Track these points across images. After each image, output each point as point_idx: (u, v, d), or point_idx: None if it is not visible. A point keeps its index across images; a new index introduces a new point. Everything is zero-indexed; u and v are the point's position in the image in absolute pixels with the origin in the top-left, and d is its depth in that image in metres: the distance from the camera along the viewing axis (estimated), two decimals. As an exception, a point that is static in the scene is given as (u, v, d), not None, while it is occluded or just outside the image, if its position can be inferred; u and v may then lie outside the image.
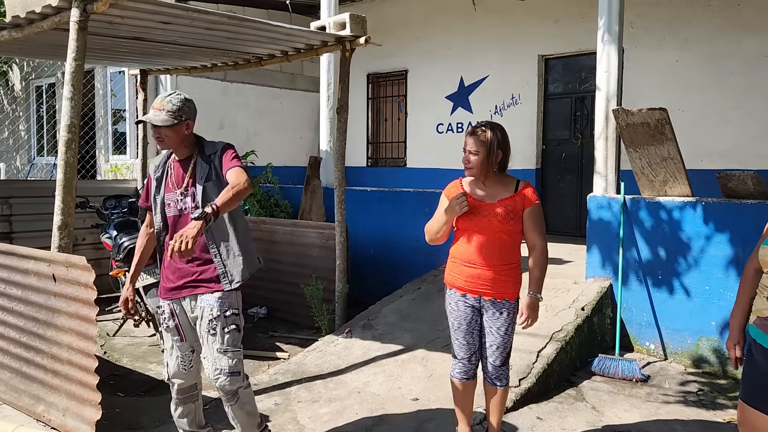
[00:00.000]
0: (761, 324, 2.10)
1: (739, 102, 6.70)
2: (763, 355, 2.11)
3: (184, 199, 2.89)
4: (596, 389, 4.24)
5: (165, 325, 2.97)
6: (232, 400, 2.93)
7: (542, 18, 7.89)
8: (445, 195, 3.18)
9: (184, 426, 3.10)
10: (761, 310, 2.11)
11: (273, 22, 4.60)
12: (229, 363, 2.85)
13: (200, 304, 2.87)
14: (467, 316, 3.11)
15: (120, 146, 9.23)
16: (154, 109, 2.84)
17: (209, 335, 2.85)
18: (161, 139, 2.88)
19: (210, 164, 2.91)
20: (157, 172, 2.98)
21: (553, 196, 8.08)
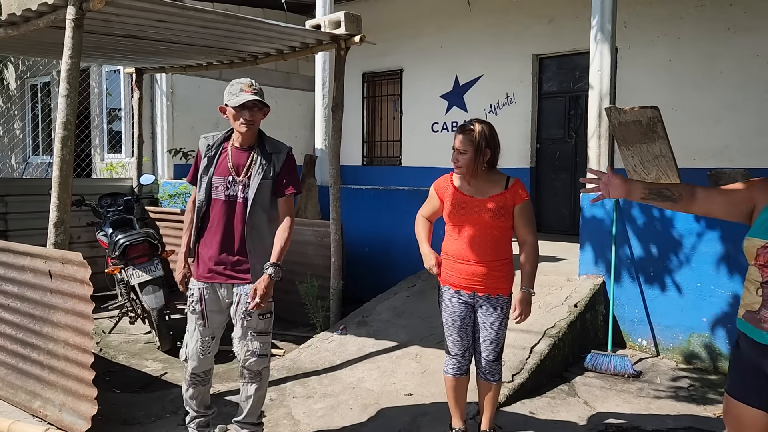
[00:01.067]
0: (751, 318, 2.10)
1: (731, 101, 6.75)
2: (752, 348, 2.12)
3: (235, 186, 2.97)
4: (588, 385, 4.28)
5: (192, 307, 3.06)
6: (255, 378, 3.07)
7: (536, 17, 7.93)
8: (434, 188, 3.23)
9: (193, 406, 3.19)
10: (750, 304, 2.11)
11: (268, 21, 4.62)
12: (260, 346, 3.02)
13: (238, 291, 2.99)
14: (461, 313, 3.14)
15: (115, 145, 9.23)
16: (244, 92, 2.88)
17: (244, 321, 2.98)
18: (253, 123, 2.94)
19: (270, 162, 3.00)
20: (210, 151, 3.03)
21: (548, 194, 8.12)
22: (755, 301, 2.09)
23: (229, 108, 2.92)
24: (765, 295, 2.06)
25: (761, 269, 2.08)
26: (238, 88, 2.90)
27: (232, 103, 2.89)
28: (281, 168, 3.01)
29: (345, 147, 9.88)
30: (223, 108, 2.98)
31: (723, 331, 4.55)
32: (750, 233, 2.14)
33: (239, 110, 2.89)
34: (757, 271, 2.10)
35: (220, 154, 3.02)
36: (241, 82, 2.93)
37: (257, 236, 3.00)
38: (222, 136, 3.07)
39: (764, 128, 6.58)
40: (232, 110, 2.91)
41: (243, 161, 2.99)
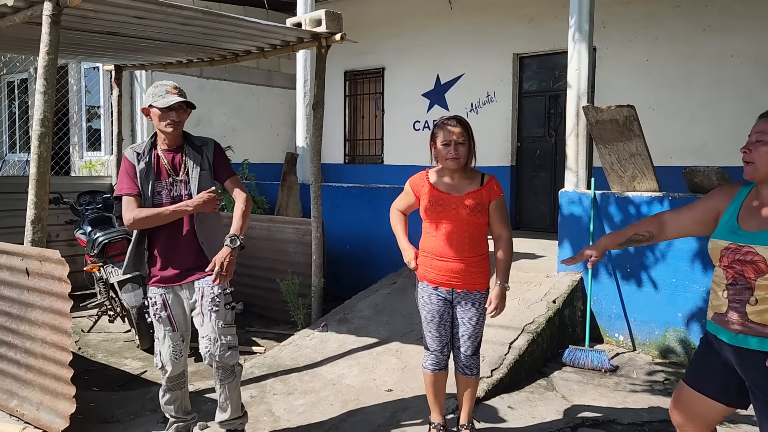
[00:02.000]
0: (719, 320, 2.14)
1: (706, 100, 6.87)
2: (723, 348, 2.17)
3: (177, 186, 3.00)
4: (566, 379, 4.34)
5: (158, 315, 3.05)
6: (230, 377, 3.07)
7: (517, 17, 8.00)
8: (410, 185, 3.26)
9: (171, 412, 3.18)
10: (718, 306, 2.14)
11: (249, 18, 4.62)
12: (231, 338, 3.03)
13: (199, 285, 3.01)
14: (440, 309, 3.17)
15: (95, 143, 9.14)
16: (171, 94, 2.93)
17: (212, 312, 2.99)
18: (178, 124, 2.98)
19: (202, 154, 3.05)
20: (143, 158, 3.01)
21: (528, 192, 8.20)
22: (722, 303, 2.13)
23: (155, 109, 2.93)
24: (730, 297, 2.10)
25: (726, 270, 2.12)
26: (164, 90, 2.94)
27: (158, 105, 2.91)
28: (214, 157, 3.08)
29: (327, 145, 9.92)
30: (146, 110, 2.99)
31: (697, 326, 4.65)
32: (714, 235, 2.19)
33: (166, 112, 2.92)
34: (722, 272, 2.14)
35: (153, 159, 3.02)
36: (165, 84, 2.98)
37: (208, 229, 3.04)
38: (148, 143, 3.07)
39: (739, 127, 6.67)
40: (157, 111, 2.93)
41: (177, 161, 3.02)
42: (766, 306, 2.01)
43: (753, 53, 6.59)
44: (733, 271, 2.09)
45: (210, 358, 3.01)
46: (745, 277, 2.05)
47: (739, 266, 2.07)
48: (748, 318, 2.04)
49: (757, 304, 2.02)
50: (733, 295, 2.08)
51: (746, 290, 2.04)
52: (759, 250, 2.01)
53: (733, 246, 2.09)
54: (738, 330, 2.07)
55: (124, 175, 3.01)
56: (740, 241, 2.08)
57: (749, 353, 2.04)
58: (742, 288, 2.06)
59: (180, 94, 2.96)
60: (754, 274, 2.02)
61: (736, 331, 2.07)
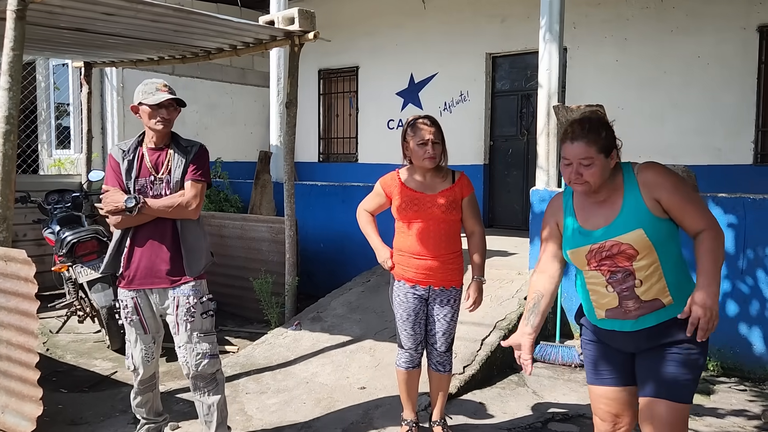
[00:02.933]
0: (615, 314, 2.21)
1: (674, 100, 7.02)
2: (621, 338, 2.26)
3: (159, 184, 2.96)
4: (537, 375, 4.40)
5: (129, 319, 3.01)
6: (210, 385, 3.00)
7: (489, 17, 8.07)
8: (381, 185, 3.27)
9: (142, 414, 3.15)
10: (608, 303, 2.22)
11: (220, 16, 4.58)
12: (209, 346, 2.97)
13: (174, 294, 2.94)
14: (416, 307, 3.19)
15: (64, 140, 8.98)
16: (161, 91, 2.90)
17: (188, 323, 2.93)
18: (169, 121, 2.95)
19: (186, 155, 3.01)
20: (128, 156, 2.98)
21: (500, 190, 8.28)
22: (611, 298, 2.21)
23: (144, 107, 2.91)
24: (617, 289, 2.19)
25: (599, 270, 2.20)
26: (154, 87, 2.92)
27: (149, 102, 2.89)
28: (193, 156, 3.02)
29: (301, 144, 9.91)
30: (135, 107, 2.96)
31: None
32: (568, 247, 2.27)
33: (156, 109, 2.90)
34: (596, 273, 2.22)
35: (137, 158, 2.99)
36: (155, 82, 2.95)
37: (187, 229, 2.99)
38: (135, 141, 3.04)
39: (705, 127, 6.86)
40: (147, 109, 2.90)
41: (161, 159, 2.99)
42: (650, 283, 2.14)
43: (718, 55, 6.75)
44: (607, 266, 2.18)
45: (187, 367, 2.97)
46: (621, 267, 2.16)
47: (609, 261, 2.17)
48: (641, 300, 2.16)
49: (642, 285, 2.15)
50: (619, 286, 2.18)
51: (628, 276, 2.16)
52: (621, 240, 2.13)
53: (595, 247, 2.18)
54: (636, 315, 2.18)
55: (110, 173, 3.00)
56: (599, 240, 2.17)
57: (648, 329, 2.18)
58: (624, 276, 2.16)
59: (170, 91, 2.94)
60: (628, 260, 2.14)
61: (635, 317, 2.18)
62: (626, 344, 2.26)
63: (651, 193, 2.13)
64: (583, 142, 2.15)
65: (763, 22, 6.54)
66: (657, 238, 2.13)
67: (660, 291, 2.14)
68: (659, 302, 2.15)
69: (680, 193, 2.13)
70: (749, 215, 4.44)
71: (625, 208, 2.16)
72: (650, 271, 2.14)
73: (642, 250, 2.12)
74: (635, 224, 2.12)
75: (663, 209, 2.14)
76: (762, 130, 6.69)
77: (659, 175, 2.16)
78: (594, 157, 2.14)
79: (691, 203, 2.14)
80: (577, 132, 2.18)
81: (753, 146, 6.69)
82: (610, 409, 2.35)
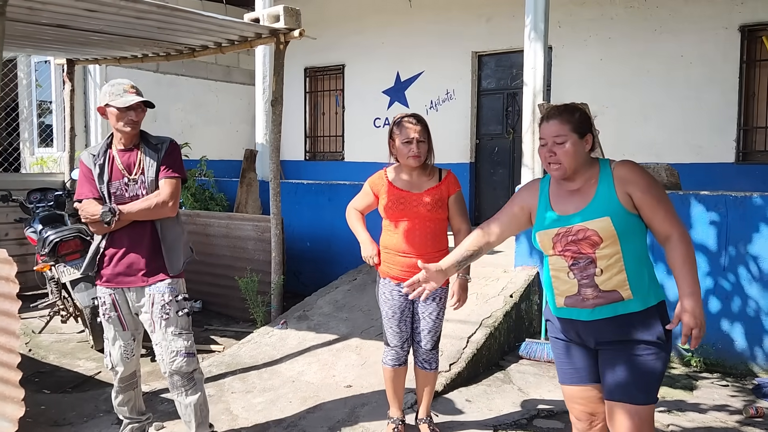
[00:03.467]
0: (573, 302, 2.26)
1: (657, 99, 7.08)
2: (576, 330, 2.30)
3: (134, 185, 2.94)
4: (523, 372, 4.42)
5: (107, 315, 2.99)
6: (188, 385, 2.97)
7: (476, 16, 8.09)
8: (369, 185, 3.27)
9: (125, 413, 3.13)
10: (568, 290, 2.26)
11: (204, 13, 4.55)
12: (185, 344, 2.95)
13: (150, 292, 2.93)
14: (401, 305, 3.19)
15: (46, 139, 8.87)
16: (129, 93, 2.87)
17: (163, 320, 2.92)
18: (136, 123, 2.93)
19: (157, 152, 2.99)
20: (98, 160, 2.95)
21: (487, 189, 8.31)
22: (571, 284, 2.25)
23: (112, 108, 2.88)
24: (578, 276, 2.23)
25: (562, 255, 2.25)
26: (121, 88, 2.89)
27: (117, 104, 2.86)
28: (164, 154, 2.99)
29: (288, 142, 9.88)
30: (102, 109, 2.92)
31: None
32: (537, 229, 2.33)
33: (124, 111, 2.87)
34: (559, 258, 2.26)
35: (108, 160, 2.97)
36: (122, 83, 2.92)
37: (166, 227, 2.98)
38: (104, 144, 3.01)
39: (688, 125, 6.93)
40: (115, 111, 2.87)
41: (132, 160, 2.97)
42: (610, 273, 2.18)
43: (701, 54, 6.81)
44: (570, 252, 2.22)
45: (163, 365, 2.96)
46: (584, 254, 2.20)
47: (574, 246, 2.21)
48: (600, 289, 2.19)
49: (602, 273, 2.18)
50: (580, 273, 2.22)
51: (590, 264, 2.19)
52: (588, 225, 2.18)
53: (563, 230, 2.23)
54: (593, 304, 2.21)
55: (83, 179, 2.97)
56: (566, 224, 2.23)
57: (604, 321, 2.21)
58: (585, 263, 2.20)
59: (138, 93, 2.91)
60: (591, 247, 2.18)
61: (592, 305, 2.22)
62: (586, 336, 2.29)
63: (624, 188, 2.18)
64: (557, 120, 2.25)
65: (744, 22, 6.61)
66: (622, 230, 2.16)
67: (619, 283, 2.17)
68: (618, 294, 2.18)
69: (653, 193, 2.18)
70: (731, 213, 4.49)
71: (597, 197, 2.21)
72: (612, 261, 2.17)
73: (606, 238, 2.16)
74: (604, 212, 2.17)
75: (634, 205, 2.19)
76: (743, 128, 6.77)
77: (634, 173, 2.21)
78: (567, 135, 2.22)
79: (662, 205, 2.18)
80: (553, 112, 2.29)
81: (735, 144, 6.77)
82: (584, 407, 2.38)
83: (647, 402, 2.19)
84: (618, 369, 2.20)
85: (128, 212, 2.87)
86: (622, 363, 2.19)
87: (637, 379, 2.17)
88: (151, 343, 3.02)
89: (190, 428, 3.01)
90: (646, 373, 2.17)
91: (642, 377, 2.17)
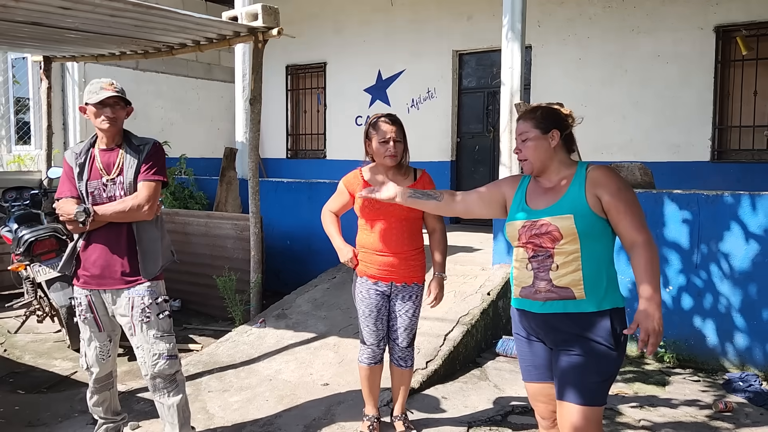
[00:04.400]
0: (527, 293, 2.34)
1: (635, 98, 7.16)
2: (530, 323, 2.37)
3: (112, 186, 2.92)
4: (499, 369, 4.47)
5: (83, 317, 2.98)
6: (170, 386, 2.96)
7: (456, 15, 8.12)
8: (344, 184, 3.28)
9: (100, 413, 3.12)
10: (524, 280, 2.35)
11: (181, 11, 4.53)
12: (167, 347, 2.93)
13: (129, 295, 2.90)
14: (378, 303, 3.22)
15: (24, 136, 8.78)
16: (105, 90, 2.86)
17: (144, 324, 2.90)
18: (115, 120, 2.90)
19: (139, 154, 2.96)
20: (80, 159, 2.94)
21: (467, 187, 8.24)
22: (528, 275, 2.33)
23: (90, 106, 2.88)
24: (535, 269, 2.31)
25: (525, 247, 2.34)
26: (98, 86, 2.88)
27: (92, 101, 2.85)
28: (145, 155, 2.96)
29: (269, 140, 9.86)
30: (83, 108, 2.93)
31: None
32: (509, 219, 2.43)
33: (100, 108, 2.87)
34: (522, 250, 2.36)
35: (89, 160, 2.95)
36: (101, 81, 2.92)
37: (143, 230, 2.95)
38: (87, 143, 3.00)
39: (664, 124, 7.02)
40: (93, 108, 2.87)
41: (113, 160, 2.94)
42: (566, 270, 2.24)
43: (677, 54, 6.91)
44: (532, 245, 2.30)
45: (145, 368, 2.94)
46: (543, 248, 2.28)
47: (536, 240, 2.29)
48: (553, 284, 2.26)
49: (558, 269, 2.25)
50: (537, 266, 2.30)
51: (548, 258, 2.27)
52: (551, 221, 2.25)
53: (528, 223, 2.32)
54: (545, 297, 2.27)
55: (64, 178, 2.96)
56: (533, 218, 2.31)
57: (555, 317, 2.27)
58: (544, 257, 2.28)
59: (117, 90, 2.89)
60: (551, 243, 2.26)
61: (543, 299, 2.28)
62: (538, 330, 2.35)
63: (594, 190, 2.24)
64: (523, 119, 2.40)
65: (719, 22, 6.71)
66: (584, 230, 2.21)
67: (573, 281, 2.23)
68: (570, 292, 2.23)
69: (622, 198, 2.22)
70: (703, 211, 4.57)
71: (566, 196, 2.28)
72: (569, 259, 2.23)
73: (567, 236, 2.22)
74: (569, 210, 2.23)
75: (603, 209, 2.23)
76: (719, 127, 6.87)
77: (606, 176, 2.26)
78: (529, 131, 2.33)
79: (630, 211, 2.22)
80: (521, 113, 2.45)
81: (710, 143, 6.87)
82: (546, 405, 2.44)
83: (593, 404, 2.22)
84: (567, 369, 2.24)
85: (102, 214, 2.85)
86: (572, 363, 2.24)
87: (584, 380, 2.22)
88: (129, 342, 3.01)
89: (173, 429, 2.99)
90: (593, 375, 2.21)
91: (589, 378, 2.22)
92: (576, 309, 2.23)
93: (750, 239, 4.41)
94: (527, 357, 2.44)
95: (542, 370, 2.40)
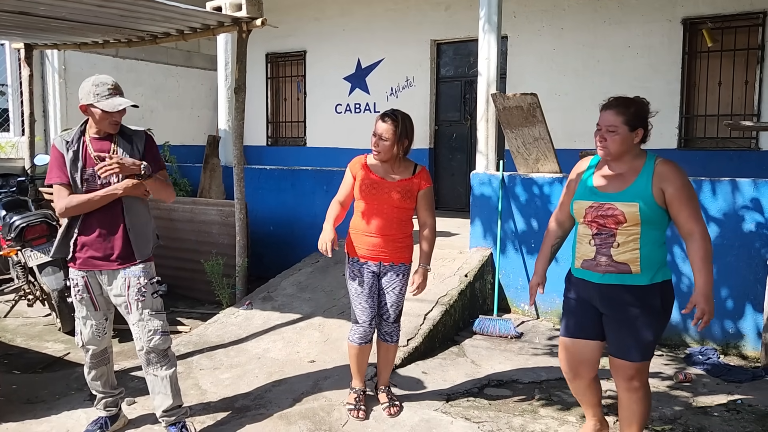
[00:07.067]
0: (588, 265, 2.69)
1: (606, 88, 7.26)
2: (588, 290, 2.72)
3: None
4: (476, 346, 4.71)
5: (79, 297, 3.11)
6: (163, 360, 3.14)
7: (434, 4, 8.29)
8: (349, 168, 3.47)
9: (98, 387, 3.26)
10: (586, 253, 2.69)
11: (167, 2, 4.63)
12: (161, 323, 3.12)
13: (125, 275, 3.06)
14: (369, 282, 3.42)
15: (2, 123, 8.75)
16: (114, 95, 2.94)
17: (139, 302, 3.07)
18: (119, 123, 3.06)
19: (132, 143, 3.11)
20: (72, 146, 3.03)
21: (445, 174, 8.58)
22: (590, 250, 2.67)
23: (97, 110, 2.94)
24: (596, 245, 2.65)
25: (590, 225, 2.66)
26: (106, 89, 2.94)
27: (104, 107, 2.91)
28: (145, 149, 3.12)
29: (250, 127, 9.92)
30: (85, 107, 2.98)
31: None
32: (576, 198, 2.74)
33: (110, 113, 2.95)
34: (586, 227, 2.68)
35: (81, 147, 3.05)
36: (106, 83, 2.96)
37: (135, 213, 3.10)
38: (78, 131, 3.09)
39: (634, 113, 7.28)
40: (100, 112, 2.94)
41: (106, 148, 3.05)
42: (625, 249, 2.59)
43: (646, 45, 7.17)
44: (597, 224, 2.63)
45: (140, 343, 3.10)
46: (607, 228, 2.61)
47: (601, 220, 2.62)
48: (613, 259, 2.61)
49: (618, 247, 2.60)
50: (600, 243, 2.64)
51: (610, 237, 2.61)
52: (618, 206, 2.58)
53: (596, 204, 2.64)
54: (605, 270, 2.63)
55: (54, 164, 3.04)
56: (601, 200, 2.63)
57: (610, 288, 2.64)
58: (607, 236, 2.62)
59: (120, 92, 3.00)
60: (615, 224, 2.59)
61: (603, 271, 2.64)
62: (593, 296, 2.69)
63: (660, 183, 2.54)
64: (614, 111, 2.58)
65: (686, 15, 6.98)
66: (647, 218, 2.54)
67: (632, 258, 2.57)
68: (627, 267, 2.58)
69: (684, 192, 2.54)
70: (667, 196, 4.83)
71: (635, 185, 2.57)
72: (629, 239, 2.57)
73: (630, 221, 2.55)
74: (635, 199, 2.54)
75: (665, 200, 2.55)
76: (685, 116, 7.17)
77: (673, 172, 2.57)
78: (618, 127, 2.55)
79: (690, 205, 2.54)
80: (611, 103, 2.62)
81: (677, 132, 7.17)
82: (577, 359, 2.80)
83: (642, 360, 2.64)
84: (623, 329, 2.64)
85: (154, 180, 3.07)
86: (623, 326, 2.63)
87: (634, 341, 2.62)
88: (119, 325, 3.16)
89: (167, 399, 3.16)
90: (646, 333, 2.60)
91: (638, 339, 2.61)
92: (632, 282, 2.59)
93: (710, 222, 4.70)
94: (577, 316, 2.78)
95: (587, 330, 2.76)
